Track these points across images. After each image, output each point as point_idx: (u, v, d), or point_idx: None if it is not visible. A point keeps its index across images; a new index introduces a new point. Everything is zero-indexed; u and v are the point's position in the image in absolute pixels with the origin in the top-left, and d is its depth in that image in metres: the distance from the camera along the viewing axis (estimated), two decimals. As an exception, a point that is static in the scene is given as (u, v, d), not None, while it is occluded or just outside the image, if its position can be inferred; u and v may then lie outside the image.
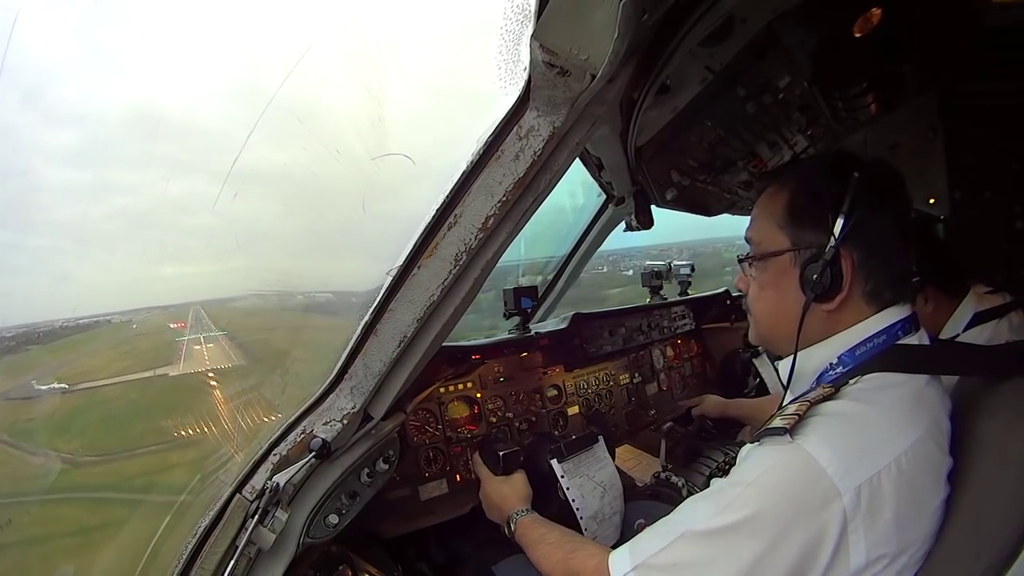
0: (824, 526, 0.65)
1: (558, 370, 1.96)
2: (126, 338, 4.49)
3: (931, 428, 0.73)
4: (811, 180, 0.84)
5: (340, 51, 1.02)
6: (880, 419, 0.71)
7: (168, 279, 2.52)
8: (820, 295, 0.79)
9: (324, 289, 1.87)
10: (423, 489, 1.54)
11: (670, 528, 0.76)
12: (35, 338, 3.62)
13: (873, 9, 1.24)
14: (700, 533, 0.72)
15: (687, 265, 2.72)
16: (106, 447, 3.62)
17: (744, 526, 0.68)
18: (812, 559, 0.66)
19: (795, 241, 0.82)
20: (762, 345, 0.96)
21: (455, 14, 1.50)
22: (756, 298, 0.90)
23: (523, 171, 0.85)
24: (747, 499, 0.69)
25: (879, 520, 0.66)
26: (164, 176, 1.38)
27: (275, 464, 1.03)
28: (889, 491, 0.66)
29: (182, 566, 0.97)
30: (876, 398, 0.72)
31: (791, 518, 0.66)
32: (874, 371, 0.76)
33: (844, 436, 0.69)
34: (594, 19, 0.65)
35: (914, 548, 0.69)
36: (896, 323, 0.79)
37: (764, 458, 0.71)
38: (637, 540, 0.80)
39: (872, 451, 0.68)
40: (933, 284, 1.54)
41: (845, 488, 0.65)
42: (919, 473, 0.69)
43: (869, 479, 0.66)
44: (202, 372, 4.24)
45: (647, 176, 1.69)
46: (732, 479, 0.74)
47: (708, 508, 0.73)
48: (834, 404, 0.72)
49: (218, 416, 2.55)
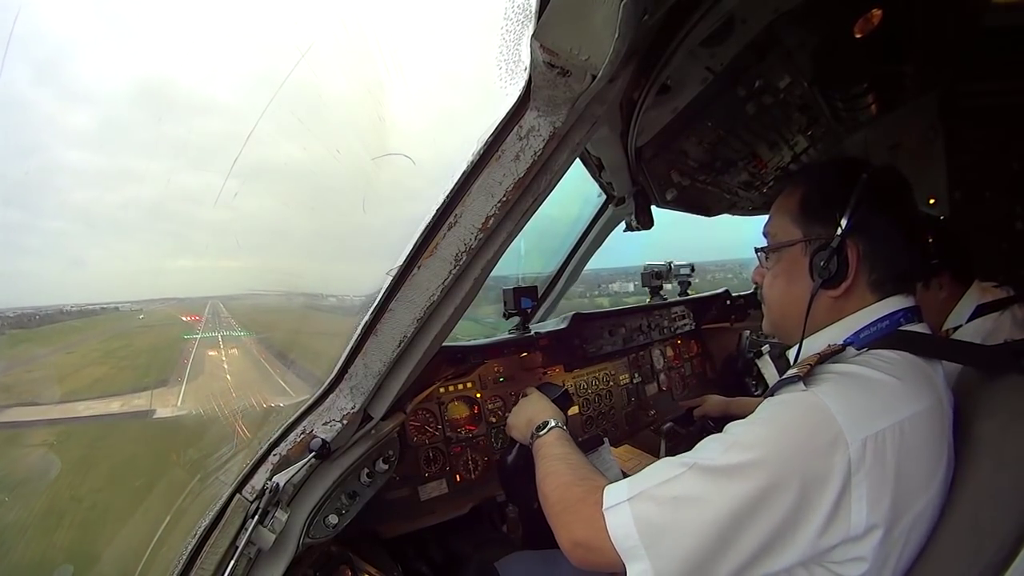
0: (829, 471, 0.67)
1: (558, 370, 1.96)
2: (126, 330, 3.60)
3: (935, 406, 0.75)
4: (823, 180, 0.91)
5: (345, 50, 1.01)
6: (886, 383, 0.73)
7: (183, 272, 2.29)
8: (827, 281, 0.84)
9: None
10: (423, 489, 1.54)
11: (679, 462, 0.76)
12: (27, 321, 3.09)
13: (873, 10, 1.24)
14: (706, 468, 0.73)
15: (687, 265, 2.72)
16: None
17: (750, 465, 0.69)
18: (813, 505, 0.67)
19: (806, 233, 0.88)
20: (773, 334, 1.00)
21: (455, 14, 1.50)
22: (770, 287, 0.96)
23: (523, 171, 0.85)
24: (756, 438, 0.72)
25: (881, 478, 0.68)
26: (175, 167, 1.35)
27: (275, 464, 1.03)
28: (891, 452, 0.68)
29: (182, 566, 0.97)
30: (883, 365, 0.76)
31: (798, 459, 0.68)
32: (879, 349, 0.80)
33: (853, 391, 0.72)
34: (595, 19, 0.65)
35: (909, 524, 0.70)
36: (899, 311, 0.84)
37: (777, 404, 0.74)
38: (639, 474, 0.79)
39: (878, 410, 0.70)
40: (949, 272, 1.57)
41: (852, 438, 0.67)
42: (920, 443, 0.71)
43: (875, 434, 0.68)
44: (208, 412, 2.21)
45: (647, 176, 1.69)
46: (746, 420, 0.76)
47: (718, 446, 0.74)
48: (844, 366, 0.76)
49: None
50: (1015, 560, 0.60)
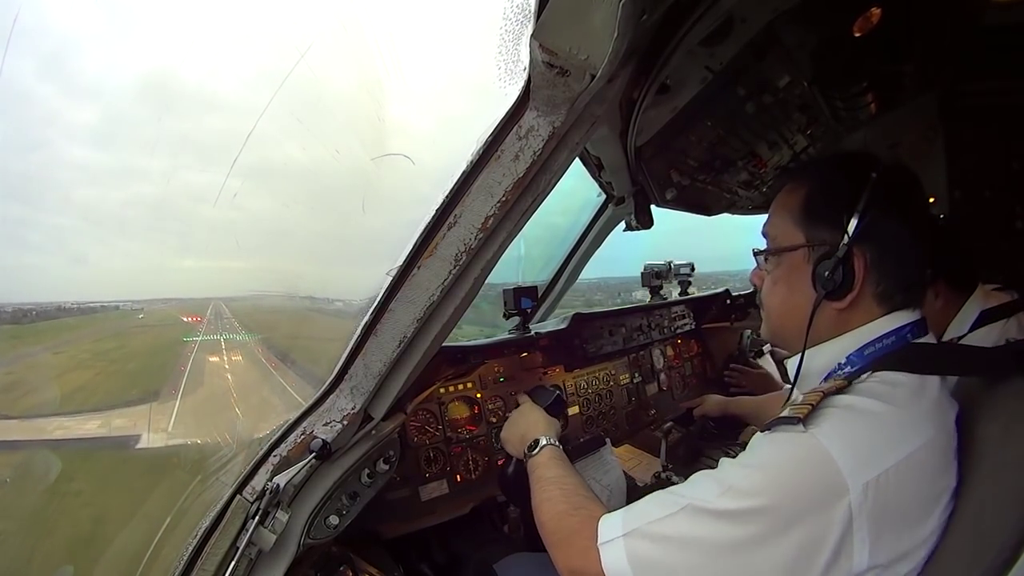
0: (829, 522, 0.64)
1: (558, 370, 1.96)
2: (123, 329, 3.31)
3: (939, 434, 0.72)
4: (828, 178, 0.84)
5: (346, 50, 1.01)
6: (891, 417, 0.70)
7: (186, 271, 2.12)
8: (831, 293, 0.79)
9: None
10: (423, 489, 1.54)
11: (673, 499, 0.74)
12: (22, 317, 2.95)
13: (873, 9, 1.24)
14: (703, 511, 0.70)
15: (687, 265, 2.72)
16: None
17: (748, 512, 0.67)
18: (813, 555, 0.65)
19: (809, 238, 0.82)
20: (773, 341, 0.95)
21: (454, 14, 1.50)
22: (769, 293, 0.90)
23: (523, 171, 0.85)
24: (755, 485, 0.69)
25: (882, 519, 0.65)
26: (179, 165, 1.34)
27: (275, 465, 1.03)
28: (894, 491, 0.66)
29: (183, 567, 0.97)
30: (889, 395, 0.72)
31: (798, 510, 0.66)
32: (884, 370, 0.75)
33: (856, 430, 0.68)
34: (594, 19, 0.65)
35: (912, 555, 0.68)
36: (905, 326, 0.79)
37: (775, 446, 0.71)
38: (632, 507, 0.78)
39: (882, 448, 0.67)
40: (944, 279, 1.48)
41: (854, 484, 0.64)
42: (924, 475, 0.69)
43: (876, 477, 0.65)
44: (208, 444, 1.71)
45: (647, 176, 1.69)
46: (743, 461, 0.73)
47: (715, 487, 0.71)
48: (847, 398, 0.72)
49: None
50: (1016, 564, 0.60)
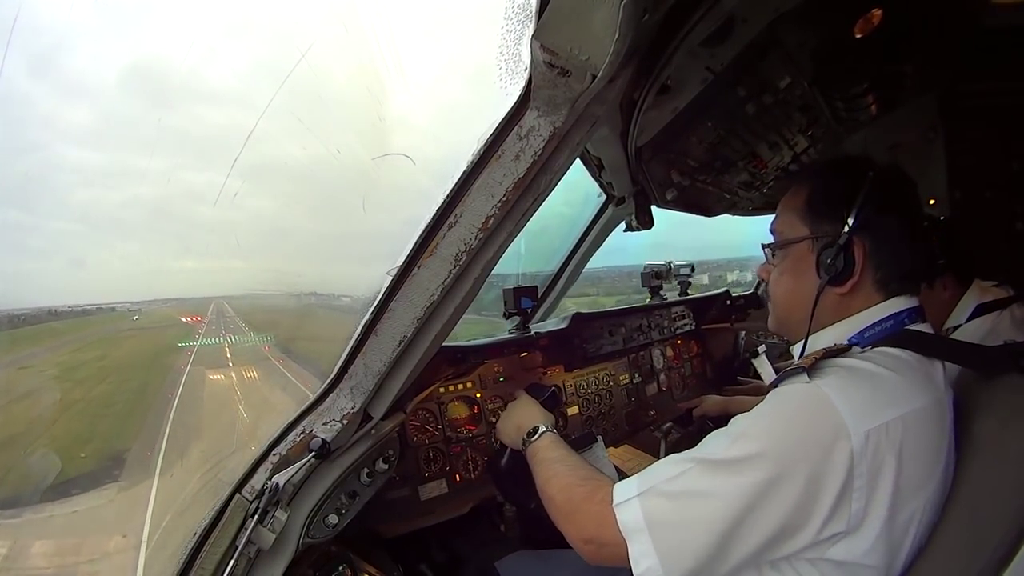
0: (832, 461, 0.67)
1: (558, 370, 1.96)
2: (109, 334, 3.02)
3: (936, 403, 0.76)
4: (829, 178, 0.92)
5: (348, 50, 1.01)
6: (889, 378, 0.74)
7: (186, 272, 2.20)
8: (833, 278, 0.85)
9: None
10: (423, 489, 1.54)
11: (686, 457, 0.78)
12: (5, 324, 2.86)
13: (874, 10, 1.24)
14: (712, 462, 0.74)
15: (687, 265, 2.72)
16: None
17: (755, 457, 0.70)
18: (818, 495, 0.68)
19: (813, 230, 0.89)
20: (779, 331, 1.01)
21: (455, 14, 1.50)
22: (776, 283, 0.97)
23: (523, 171, 0.85)
24: (760, 430, 0.73)
25: (882, 472, 0.68)
26: (177, 165, 1.34)
27: (275, 464, 1.03)
28: (893, 445, 0.69)
29: (182, 566, 0.97)
30: (888, 363, 0.77)
31: (802, 449, 0.69)
32: (884, 347, 0.81)
33: (856, 384, 0.73)
34: (595, 19, 0.65)
35: (907, 520, 0.71)
36: (903, 311, 0.84)
37: (780, 395, 0.75)
38: (647, 471, 0.81)
39: (881, 403, 0.71)
40: (953, 273, 1.59)
41: (855, 430, 0.68)
42: (922, 439, 0.72)
43: (877, 427, 0.69)
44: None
45: (647, 176, 1.69)
46: (751, 413, 0.76)
47: (724, 440, 0.75)
48: (848, 360, 0.77)
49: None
50: (1015, 557, 0.60)
